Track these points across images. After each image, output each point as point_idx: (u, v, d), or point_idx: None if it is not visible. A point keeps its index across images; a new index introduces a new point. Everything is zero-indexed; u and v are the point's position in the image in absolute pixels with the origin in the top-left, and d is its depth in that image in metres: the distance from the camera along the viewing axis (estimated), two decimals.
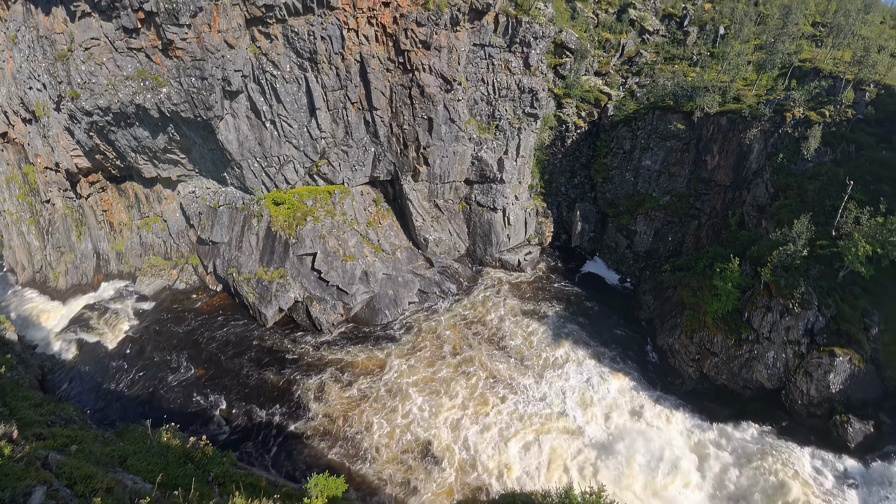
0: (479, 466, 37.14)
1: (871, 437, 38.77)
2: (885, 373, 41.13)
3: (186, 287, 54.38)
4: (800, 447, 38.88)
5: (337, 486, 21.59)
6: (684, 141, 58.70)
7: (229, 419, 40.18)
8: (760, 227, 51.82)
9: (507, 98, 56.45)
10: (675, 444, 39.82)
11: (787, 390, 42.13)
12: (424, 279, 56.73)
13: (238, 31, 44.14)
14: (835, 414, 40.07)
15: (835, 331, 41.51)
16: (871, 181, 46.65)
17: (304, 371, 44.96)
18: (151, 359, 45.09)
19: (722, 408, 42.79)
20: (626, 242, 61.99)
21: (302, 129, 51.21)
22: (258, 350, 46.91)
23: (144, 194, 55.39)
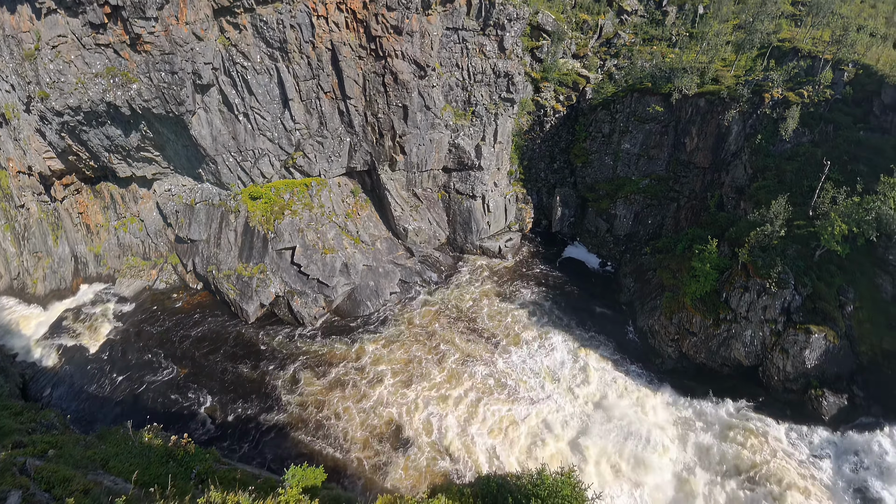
0: (453, 449, 38.67)
1: (845, 409, 41.02)
2: (858, 348, 43.37)
3: (166, 287, 54.64)
4: (776, 421, 41.00)
5: (315, 476, 22.41)
6: (663, 123, 59.91)
7: (214, 416, 41.02)
8: (739, 209, 53.39)
9: (483, 83, 56.91)
10: (654, 421, 41.83)
11: (764, 367, 44.10)
12: (405, 269, 57.53)
13: (206, 23, 43.93)
14: (810, 389, 42.20)
15: (811, 309, 43.42)
16: (848, 161, 48.32)
17: (287, 365, 45.85)
18: (134, 360, 45.55)
19: (701, 385, 44.82)
20: (606, 226, 63.41)
21: (275, 121, 51.27)
22: (240, 346, 47.61)
23: (120, 194, 55.16)
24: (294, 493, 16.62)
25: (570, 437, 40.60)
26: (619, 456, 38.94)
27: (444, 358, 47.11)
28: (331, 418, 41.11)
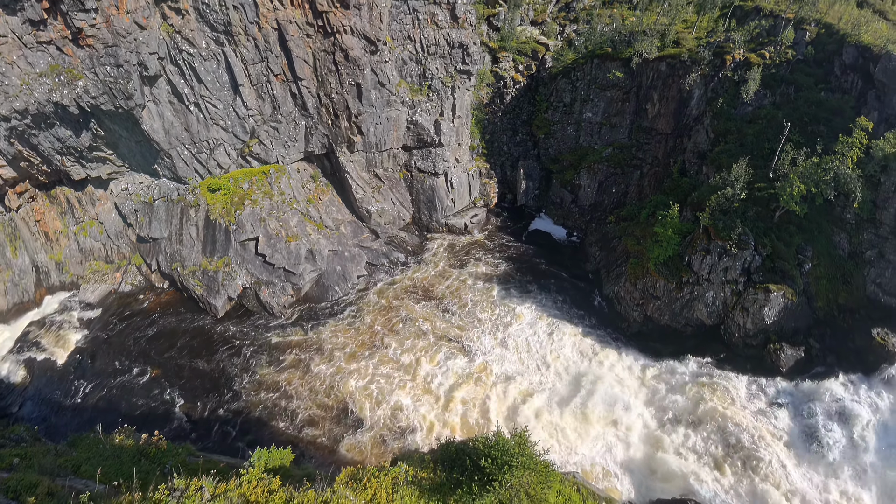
0: (422, 421, 41.59)
1: (802, 360, 44.89)
2: (815, 303, 47.14)
3: (132, 288, 55.26)
4: (737, 375, 44.82)
5: (282, 456, 24.42)
6: (624, 90, 62.00)
7: (189, 413, 42.77)
8: (701, 174, 56.06)
9: (437, 55, 57.90)
10: (622, 382, 45.32)
11: (726, 325, 47.67)
12: (371, 251, 59.30)
13: (147, 10, 43.95)
14: (769, 343, 45.90)
15: (770, 268, 46.67)
16: (809, 122, 51.06)
17: (258, 355, 47.77)
18: (105, 366, 46.61)
19: (666, 346, 48.49)
20: (570, 197, 65.91)
21: (227, 108, 51.73)
22: (211, 342, 49.18)
23: (77, 198, 55.00)
24: (256, 473, 18.35)
25: (540, 403, 43.61)
26: (589, 416, 42.18)
27: (411, 335, 49.69)
28: (302, 402, 43.43)
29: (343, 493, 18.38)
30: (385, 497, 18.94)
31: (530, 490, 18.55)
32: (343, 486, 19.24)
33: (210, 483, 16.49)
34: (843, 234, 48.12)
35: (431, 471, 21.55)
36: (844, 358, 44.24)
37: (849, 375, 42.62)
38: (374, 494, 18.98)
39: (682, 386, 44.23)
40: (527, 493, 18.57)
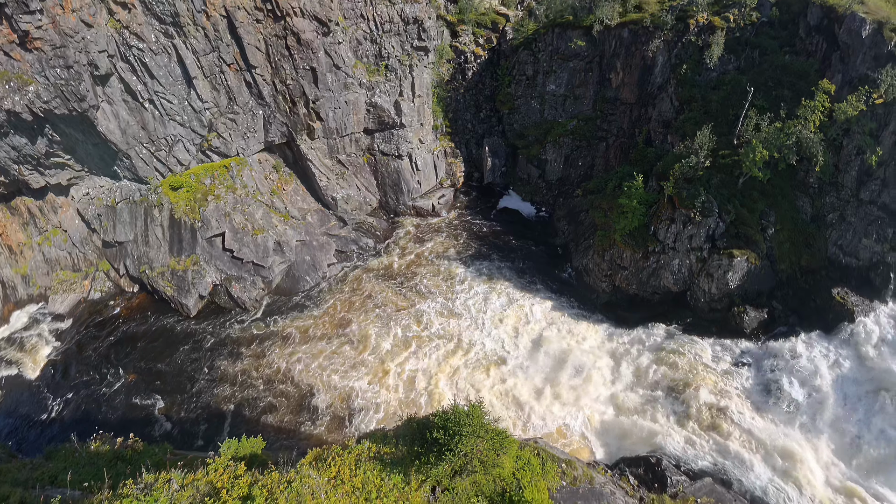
0: (386, 401, 44.53)
1: (765, 322, 48.30)
2: (778, 266, 50.25)
3: (102, 295, 56.08)
4: (703, 338, 48.17)
5: (253, 445, 26.54)
6: (587, 60, 63.65)
7: (169, 414, 44.56)
8: (667, 143, 58.28)
9: (393, 33, 58.81)
10: (592, 351, 48.39)
11: (692, 291, 50.73)
12: (340, 239, 61.05)
13: (93, 7, 44.18)
14: (733, 307, 49.13)
15: (734, 234, 49.51)
16: (774, 87, 52.91)
17: (233, 350, 49.81)
18: (79, 377, 47.85)
19: (634, 314, 51.71)
20: (537, 173, 68.11)
21: (183, 103, 52.32)
22: (185, 342, 50.79)
23: (38, 207, 55.09)
24: (222, 461, 20.22)
25: (511, 375, 46.55)
26: (559, 385, 45.20)
27: (381, 319, 52.17)
28: (276, 391, 45.91)
29: (306, 473, 20.41)
30: (348, 473, 20.98)
31: (482, 457, 20.90)
32: (307, 466, 21.30)
33: (178, 475, 17.90)
34: (805, 198, 50.79)
35: (394, 446, 23.87)
36: (806, 318, 47.68)
37: (809, 334, 46.03)
38: (337, 471, 20.94)
39: (651, 351, 47.55)
40: (479, 460, 20.93)
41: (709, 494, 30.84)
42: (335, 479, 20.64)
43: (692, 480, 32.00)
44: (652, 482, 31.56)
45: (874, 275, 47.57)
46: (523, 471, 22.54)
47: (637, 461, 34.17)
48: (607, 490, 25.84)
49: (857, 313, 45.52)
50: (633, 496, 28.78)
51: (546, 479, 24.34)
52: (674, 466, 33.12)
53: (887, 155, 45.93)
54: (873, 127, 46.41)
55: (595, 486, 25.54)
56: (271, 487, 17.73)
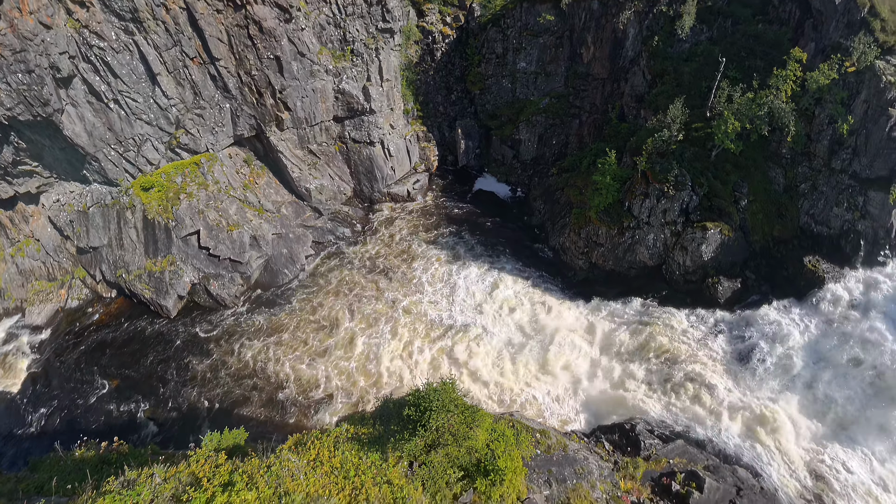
0: (368, 384, 46.76)
1: (738, 291, 50.61)
2: (751, 237, 52.36)
3: (80, 303, 56.66)
4: (678, 309, 50.56)
5: (236, 437, 28.19)
6: (557, 35, 64.89)
7: (155, 417, 45.94)
8: (640, 118, 59.83)
9: (356, 15, 59.36)
10: (571, 327, 50.68)
11: (667, 265, 52.97)
12: (316, 230, 62.42)
13: (51, 8, 44.38)
14: (707, 278, 51.32)
15: (707, 207, 51.59)
16: (746, 57, 54.35)
17: (215, 347, 51.25)
18: (61, 388, 48.74)
19: (611, 289, 54.13)
20: (511, 153, 69.78)
21: (148, 101, 52.72)
22: (166, 343, 51.97)
23: (8, 217, 55.29)
24: (204, 452, 21.77)
25: (492, 354, 48.73)
26: (540, 361, 47.54)
27: (363, 306, 54.14)
28: (260, 385, 47.71)
29: (286, 457, 22.11)
30: (327, 455, 22.72)
31: (453, 430, 22.88)
32: (287, 451, 23.02)
33: (161, 469, 18.90)
34: (778, 169, 52.79)
35: (371, 426, 25.80)
36: (778, 286, 50.20)
37: (782, 301, 48.67)
38: (317, 454, 22.67)
39: (627, 324, 49.94)
40: (451, 434, 22.92)
41: (680, 455, 33.27)
42: (314, 460, 22.24)
43: (664, 443, 34.37)
44: (626, 447, 33.91)
45: (845, 242, 50.01)
46: (497, 442, 24.32)
47: (612, 428, 36.58)
48: (581, 456, 28.03)
49: (828, 280, 48.20)
50: (607, 461, 31.10)
51: (520, 449, 26.41)
52: (647, 431, 35.52)
53: (858, 123, 47.64)
54: (845, 96, 47.99)
55: (568, 452, 27.71)
56: (251, 473, 18.78)
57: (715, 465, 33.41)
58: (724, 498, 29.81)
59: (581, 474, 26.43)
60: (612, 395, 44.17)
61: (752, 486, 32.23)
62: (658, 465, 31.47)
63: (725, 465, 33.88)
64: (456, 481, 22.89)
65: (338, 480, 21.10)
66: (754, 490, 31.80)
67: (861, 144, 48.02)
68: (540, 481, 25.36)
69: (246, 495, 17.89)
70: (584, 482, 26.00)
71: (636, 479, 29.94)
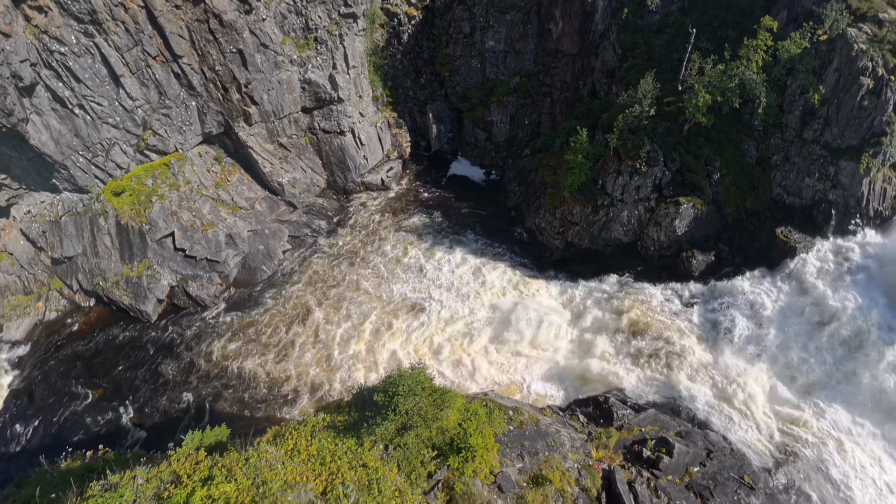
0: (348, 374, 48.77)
1: (712, 264, 52.69)
2: (724, 210, 54.05)
3: (58, 315, 57.22)
4: (653, 284, 52.64)
5: (217, 434, 29.71)
6: (524, 11, 65.86)
7: (141, 423, 47.07)
8: (612, 94, 60.99)
9: (317, 2, 59.82)
10: (549, 306, 52.70)
11: (642, 241, 54.86)
12: (292, 224, 63.69)
13: (8, 15, 44.63)
14: (682, 252, 53.24)
15: (680, 182, 53.29)
16: (718, 27, 55.28)
17: (196, 347, 52.56)
18: (44, 402, 49.53)
19: (587, 267, 56.17)
20: (484, 135, 71.15)
21: (113, 103, 53.16)
22: (147, 348, 53.04)
23: None
24: (184, 451, 23.24)
25: (472, 337, 50.65)
26: (520, 342, 49.49)
27: (340, 297, 55.79)
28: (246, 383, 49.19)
29: (264, 448, 23.77)
30: (304, 444, 24.37)
31: (422, 412, 24.76)
32: (265, 444, 24.68)
33: (143, 470, 19.67)
34: (751, 141, 54.32)
35: (347, 413, 27.60)
36: (751, 257, 52.26)
37: (754, 272, 50.75)
38: (294, 444, 24.35)
39: (605, 301, 52.03)
40: (420, 416, 24.79)
41: (652, 423, 35.42)
42: (292, 450, 23.82)
43: (637, 413, 36.60)
44: (599, 418, 36.06)
45: (816, 212, 51.87)
46: (469, 420, 26.18)
47: (587, 402, 38.66)
48: (553, 429, 30.04)
49: (800, 250, 50.02)
50: (581, 432, 33.18)
51: (493, 426, 28.29)
52: (620, 402, 37.64)
53: (830, 93, 48.82)
54: (816, 65, 49.16)
55: (541, 426, 29.68)
56: (230, 466, 19.88)
57: (687, 430, 35.60)
58: (694, 461, 32.01)
59: (553, 446, 28.40)
60: (589, 370, 46.31)
61: (722, 448, 34.52)
62: (630, 434, 33.63)
63: (697, 430, 36.06)
64: (430, 460, 24.68)
65: (315, 467, 22.58)
66: (724, 452, 34.07)
67: (832, 114, 49.20)
68: (513, 455, 27.29)
69: (225, 487, 19.32)
70: (556, 454, 27.97)
71: (609, 448, 32.07)
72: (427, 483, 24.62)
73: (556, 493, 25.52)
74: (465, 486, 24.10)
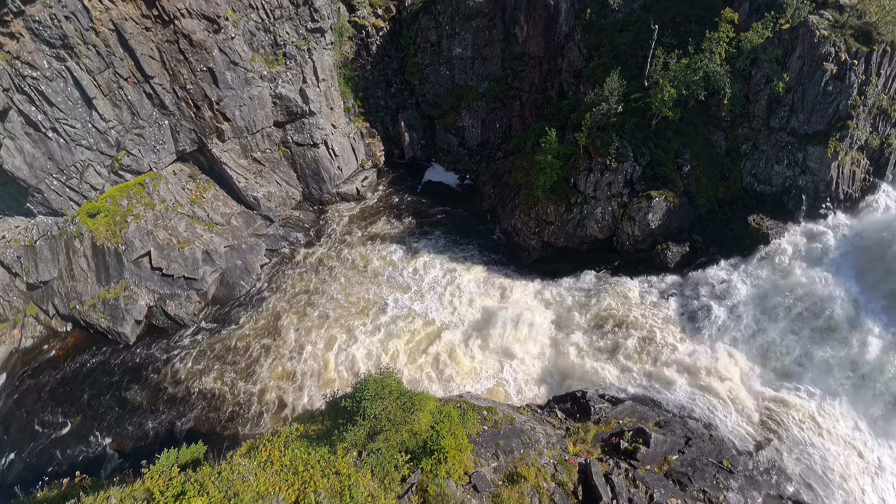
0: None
1: (687, 255, 52.89)
2: (697, 201, 54.22)
3: (35, 341, 56.16)
4: (630, 278, 52.63)
5: (193, 452, 29.22)
6: (489, 17, 66.23)
7: (121, 448, 46.08)
8: (580, 93, 61.18)
9: (284, 18, 60.01)
10: (528, 306, 52.49)
11: (617, 236, 54.95)
12: (269, 238, 63.26)
13: None
14: (657, 245, 53.34)
15: (651, 176, 53.39)
16: (681, 22, 55.40)
17: (177, 370, 51.70)
18: (22, 433, 48.43)
19: (564, 265, 56.08)
20: (457, 141, 71.33)
21: (86, 126, 52.87)
22: (126, 372, 52.10)
23: None
24: (157, 468, 22.89)
25: (452, 342, 50.46)
26: (500, 343, 49.36)
27: (317, 308, 55.56)
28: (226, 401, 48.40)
29: (237, 462, 23.39)
30: (278, 455, 24.08)
31: (390, 416, 24.44)
32: (238, 457, 24.27)
33: (116, 491, 19.92)
34: (719, 132, 54.50)
35: (320, 422, 27.22)
36: (725, 246, 52.33)
37: (729, 260, 50.89)
38: (268, 455, 24.05)
39: (584, 297, 52.01)
40: (389, 420, 24.47)
41: (630, 415, 35.30)
42: (265, 462, 23.49)
43: (614, 405, 36.42)
44: (577, 413, 35.85)
45: (787, 198, 52.02)
46: (442, 423, 25.93)
47: (565, 398, 38.50)
48: (528, 427, 29.80)
49: (773, 236, 50.16)
50: (559, 428, 32.97)
51: (466, 427, 28.03)
52: (598, 396, 37.49)
53: (794, 80, 49.01)
54: (779, 54, 49.36)
55: (515, 425, 29.45)
56: (203, 481, 19.81)
57: (666, 419, 35.52)
58: (672, 449, 31.87)
59: (528, 444, 28.16)
60: (570, 367, 46.27)
61: (701, 434, 34.44)
62: (608, 427, 33.43)
63: (676, 419, 36.02)
64: (404, 464, 24.39)
65: (287, 477, 22.29)
66: (703, 438, 33.99)
67: (798, 101, 49.43)
68: (487, 455, 27.01)
69: (197, 502, 19.15)
70: (531, 451, 27.73)
71: (587, 442, 31.86)
72: (401, 487, 24.34)
73: (531, 490, 25.30)
74: (438, 488, 23.81)
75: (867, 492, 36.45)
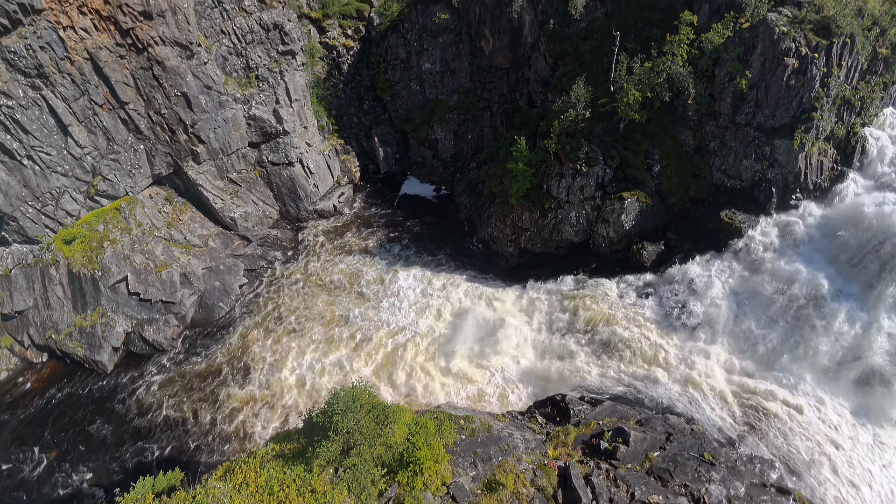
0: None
1: (662, 253, 52.90)
2: (669, 200, 54.43)
3: (9, 374, 54.20)
4: (608, 279, 52.54)
5: (169, 479, 28.12)
6: (455, 32, 66.56)
7: (100, 483, 44.19)
8: (548, 101, 61.55)
9: (256, 42, 60.09)
10: (507, 312, 52.28)
11: (592, 239, 54.95)
12: (247, 257, 62.33)
13: None
14: (632, 245, 53.33)
15: (622, 178, 53.51)
16: (643, 27, 55.66)
17: (158, 397, 50.28)
18: None
19: (543, 270, 55.74)
20: (430, 153, 71.29)
21: (62, 152, 52.23)
22: (105, 401, 50.36)
23: None
24: (132, 496, 22.11)
25: (432, 353, 49.90)
26: (481, 352, 48.90)
27: (299, 325, 54.81)
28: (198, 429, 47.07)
29: (212, 485, 22.55)
30: (254, 476, 23.27)
31: (363, 430, 23.69)
32: (214, 480, 23.42)
33: None
34: (687, 131, 54.60)
35: (296, 441, 26.37)
36: (700, 242, 52.24)
37: (704, 256, 50.74)
38: (244, 477, 23.24)
39: (562, 301, 51.69)
40: (361, 434, 23.71)
41: (610, 415, 34.64)
42: (241, 484, 22.74)
43: (593, 407, 35.81)
44: (557, 417, 35.18)
45: (758, 192, 52.12)
46: (418, 434, 25.24)
47: (545, 402, 37.76)
48: (505, 433, 29.12)
49: (745, 229, 50.09)
50: (539, 433, 32.27)
51: (443, 437, 27.29)
52: (578, 399, 36.77)
53: (757, 77, 49.21)
54: (741, 52, 49.61)
55: (493, 432, 28.75)
56: None
57: (647, 417, 34.88)
58: (653, 446, 31.23)
59: (507, 450, 27.50)
60: (551, 371, 45.86)
61: (682, 430, 33.75)
62: (588, 429, 32.76)
63: (657, 416, 35.39)
64: (380, 478, 23.67)
65: (263, 498, 21.59)
66: (685, 433, 33.31)
67: (762, 97, 49.62)
68: (465, 464, 26.30)
69: None
70: (509, 457, 27.05)
71: (567, 445, 31.17)
72: (378, 502, 23.57)
73: (510, 497, 24.61)
74: (416, 501, 23.07)
75: (848, 472, 36.49)
